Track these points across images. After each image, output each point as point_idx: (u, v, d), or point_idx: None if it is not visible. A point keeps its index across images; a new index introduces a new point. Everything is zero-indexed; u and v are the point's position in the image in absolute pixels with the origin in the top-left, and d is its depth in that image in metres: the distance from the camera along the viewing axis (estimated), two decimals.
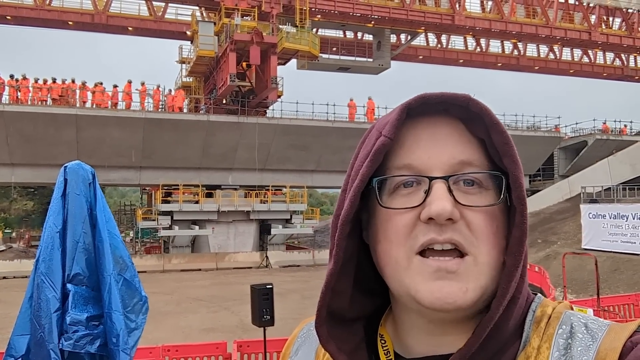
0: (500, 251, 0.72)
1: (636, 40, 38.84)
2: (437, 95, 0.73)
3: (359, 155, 0.79)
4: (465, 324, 0.74)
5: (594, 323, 0.71)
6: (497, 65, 41.08)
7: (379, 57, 34.02)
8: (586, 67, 42.98)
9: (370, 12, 31.37)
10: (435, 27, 34.48)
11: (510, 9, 35.02)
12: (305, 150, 30.36)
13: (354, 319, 0.84)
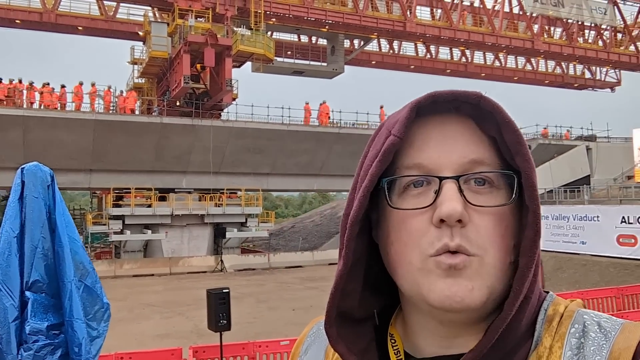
0: (507, 252, 0.70)
1: (575, 49, 40.54)
2: (448, 93, 0.71)
3: (368, 154, 0.77)
4: (476, 326, 0.73)
5: (607, 322, 0.70)
6: (446, 71, 42.04)
7: (333, 62, 34.24)
8: (529, 74, 44.55)
9: (325, 16, 31.53)
10: (388, 33, 34.98)
11: (458, 17, 35.91)
12: (260, 154, 30.15)
13: (364, 319, 0.82)
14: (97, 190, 34.65)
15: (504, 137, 0.71)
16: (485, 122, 0.72)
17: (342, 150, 31.68)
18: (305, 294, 20.61)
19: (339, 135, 31.51)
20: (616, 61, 43.13)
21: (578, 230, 23.83)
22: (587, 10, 40.67)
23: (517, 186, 0.70)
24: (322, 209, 63.58)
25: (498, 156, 0.72)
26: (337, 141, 31.46)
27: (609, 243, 21.99)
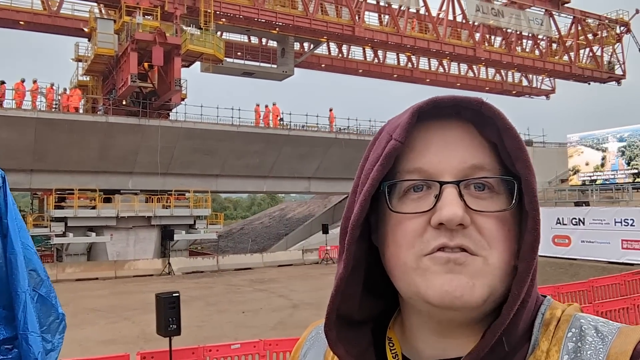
0: (512, 255, 0.70)
1: (514, 57, 42.03)
2: (449, 98, 0.71)
3: (369, 158, 0.76)
4: (473, 327, 0.72)
5: (604, 326, 0.69)
6: (393, 76, 42.68)
7: (283, 64, 34.12)
8: (471, 81, 45.82)
9: (275, 18, 31.35)
10: (337, 37, 35.16)
11: (404, 23, 36.53)
12: (209, 155, 29.63)
13: (363, 322, 0.82)
14: (38, 191, 33.10)
15: (505, 143, 0.70)
16: (485, 128, 0.72)
17: (292, 152, 31.58)
18: (254, 296, 20.37)
19: (289, 137, 31.41)
20: (551, 70, 44.99)
21: None
22: (525, 20, 42.23)
23: (517, 192, 0.70)
24: (271, 211, 63.27)
25: (498, 162, 0.72)
26: (287, 143, 31.34)
27: (545, 243, 22.77)
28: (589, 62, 46.53)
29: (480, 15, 39.84)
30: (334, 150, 33.07)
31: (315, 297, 19.80)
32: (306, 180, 34.42)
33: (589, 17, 45.59)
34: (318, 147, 32.43)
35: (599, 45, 46.64)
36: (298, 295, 20.17)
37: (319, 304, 18.60)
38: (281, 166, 32.29)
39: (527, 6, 42.41)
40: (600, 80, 47.46)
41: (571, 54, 45.23)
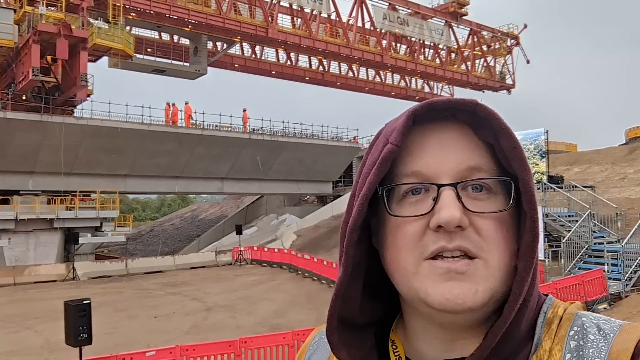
0: (511, 255, 0.70)
1: (418, 65, 43.88)
2: (444, 101, 0.71)
3: (367, 162, 0.76)
4: (476, 329, 0.72)
5: (606, 324, 0.69)
6: (305, 78, 43.02)
7: (196, 62, 33.19)
8: (378, 86, 47.25)
9: (188, 16, 30.43)
10: (250, 38, 34.81)
11: (317, 28, 36.88)
12: (118, 154, 28.10)
13: (365, 325, 0.81)
14: None
15: (501, 143, 0.70)
16: (481, 129, 0.72)
17: (205, 152, 30.80)
18: (167, 300, 19.68)
19: (202, 136, 30.60)
20: (450, 78, 47.49)
21: None
22: (427, 30, 44.23)
23: (514, 192, 0.70)
24: (182, 212, 61.55)
25: (495, 162, 0.72)
26: (200, 143, 30.51)
27: None
28: (484, 72, 49.67)
29: (387, 24, 41.17)
30: (248, 151, 32.67)
31: (230, 299, 19.46)
32: (219, 180, 33.71)
33: (484, 29, 48.65)
34: (232, 147, 31.87)
35: (492, 56, 49.91)
36: (212, 298, 19.73)
37: (233, 306, 18.30)
38: (194, 166, 31.38)
39: (429, 17, 44.44)
40: (493, 88, 50.81)
41: (468, 63, 47.99)
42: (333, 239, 30.85)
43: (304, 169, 36.84)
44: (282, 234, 33.94)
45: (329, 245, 30.04)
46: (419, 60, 44.23)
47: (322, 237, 31.81)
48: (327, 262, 22.50)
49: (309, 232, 33.49)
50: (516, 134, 0.72)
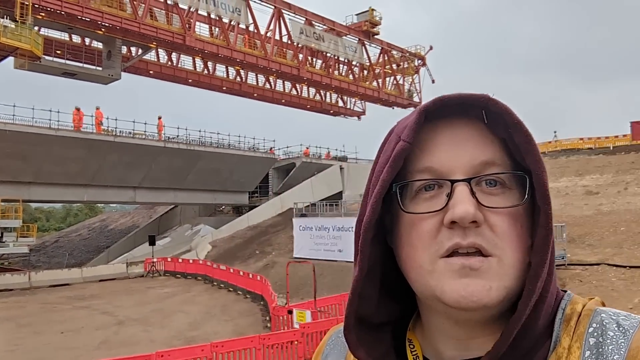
0: (525, 252, 0.69)
1: (332, 80, 44.88)
2: (455, 96, 0.70)
3: (379, 160, 0.76)
4: (492, 326, 0.71)
5: (626, 319, 0.68)
6: (223, 88, 42.50)
7: (109, 67, 31.66)
8: (295, 98, 47.68)
9: (101, 18, 29.06)
10: (167, 44, 33.91)
11: (235, 38, 36.66)
12: (21, 160, 26.15)
13: (382, 324, 0.81)
14: None
15: (514, 137, 0.70)
16: (493, 124, 0.71)
17: (117, 159, 29.47)
18: (74, 314, 18.67)
19: (114, 143, 29.26)
20: (363, 94, 49.02)
21: (336, 240, 26.11)
22: (342, 47, 45.44)
23: (528, 186, 0.69)
24: (90, 222, 58.17)
25: (508, 157, 0.71)
26: (112, 150, 29.16)
27: None
28: (393, 89, 51.77)
29: (304, 38, 41.81)
30: (163, 160, 31.67)
31: (142, 312, 18.77)
32: (132, 189, 32.35)
33: (394, 49, 50.77)
34: (146, 155, 30.74)
35: (401, 74, 52.15)
36: (123, 311, 18.94)
37: (146, 319, 17.67)
38: (105, 174, 29.89)
39: (343, 34, 45.68)
40: (402, 105, 53.02)
41: (379, 80, 49.79)
42: (249, 250, 30.62)
43: (220, 178, 36.31)
44: (196, 244, 33.17)
45: (245, 255, 29.79)
46: (333, 75, 45.25)
47: (237, 248, 31.49)
48: (244, 273, 22.33)
49: (225, 243, 33.02)
50: None
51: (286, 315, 14.30)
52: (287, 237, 29.89)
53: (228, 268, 23.96)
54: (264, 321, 16.83)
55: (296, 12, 41.37)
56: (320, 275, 22.72)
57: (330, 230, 26.53)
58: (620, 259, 15.96)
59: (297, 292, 20.67)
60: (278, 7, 39.75)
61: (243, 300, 20.79)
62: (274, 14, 39.69)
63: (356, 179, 42.13)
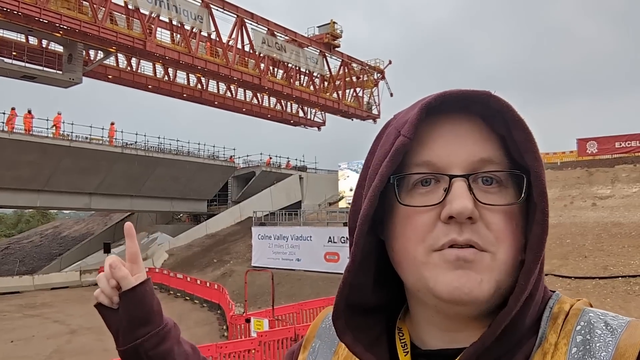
0: (518, 249, 0.70)
1: (293, 90, 45.08)
2: (457, 92, 0.70)
3: (377, 153, 0.76)
4: (481, 321, 0.72)
5: (614, 319, 0.69)
6: (183, 95, 41.99)
7: (70, 71, 30.79)
8: (255, 107, 47.53)
9: (60, 21, 28.31)
10: (127, 49, 33.34)
11: (196, 45, 36.42)
12: None
13: (373, 312, 0.82)
14: None
15: (513, 135, 0.70)
16: (494, 121, 0.71)
17: (72, 164, 28.69)
18: (25, 322, 18.12)
19: (70, 148, 28.49)
20: (323, 105, 49.38)
21: (294, 249, 26.21)
22: (303, 58, 45.75)
23: (526, 185, 0.70)
24: (42, 229, 56.02)
25: (506, 155, 0.72)
26: (68, 155, 28.37)
27: (318, 260, 24.71)
28: (353, 101, 52.40)
29: (266, 48, 41.90)
30: (120, 166, 31.04)
31: (96, 320, 17.76)
32: (87, 196, 31.51)
33: (354, 62, 51.47)
34: (102, 161, 30.07)
35: (361, 87, 52.88)
36: (76, 320, 18.49)
37: (100, 328, 17.01)
38: (59, 180, 29.01)
39: (305, 45, 46.02)
40: (361, 117, 53.76)
41: (339, 92, 50.30)
42: (207, 258, 30.33)
43: (178, 186, 35.86)
44: (153, 252, 32.60)
45: (202, 264, 29.50)
46: (294, 85, 45.45)
47: (195, 256, 31.16)
48: (201, 282, 22.14)
49: (182, 251, 32.61)
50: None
51: (244, 324, 14.30)
52: (246, 246, 29.78)
53: (185, 277, 23.68)
54: (221, 330, 16.75)
55: (259, 21, 41.45)
56: (278, 284, 22.81)
57: (289, 240, 26.61)
58: (566, 270, 16.68)
59: (255, 301, 20.65)
60: (241, 16, 39.74)
61: (200, 309, 20.60)
62: (236, 22, 39.65)
63: (315, 189, 42.40)
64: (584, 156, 32.43)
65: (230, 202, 41.34)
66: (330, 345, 0.87)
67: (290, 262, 26.04)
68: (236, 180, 42.10)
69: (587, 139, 32.83)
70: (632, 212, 21.39)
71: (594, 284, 15.34)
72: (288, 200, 40.10)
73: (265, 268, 22.53)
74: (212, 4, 37.30)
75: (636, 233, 18.70)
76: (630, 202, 23.19)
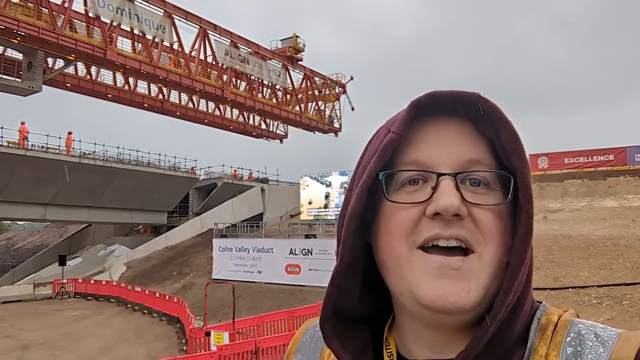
0: (505, 252, 0.69)
1: (256, 102, 44.99)
2: (447, 93, 0.70)
3: (367, 152, 0.76)
4: (466, 331, 0.71)
5: (604, 331, 0.68)
6: (144, 105, 41.24)
7: (30, 79, 29.78)
8: (218, 119, 47.07)
9: (17, 27, 27.47)
10: (87, 58, 32.57)
11: (158, 55, 35.96)
12: None
13: (361, 320, 0.80)
14: None
15: (501, 136, 0.70)
16: (482, 123, 0.71)
17: (27, 174, 27.71)
18: None
19: (25, 157, 27.53)
20: (285, 117, 49.46)
21: (256, 261, 26.02)
22: (266, 70, 45.80)
23: (512, 186, 0.69)
24: None
25: (494, 157, 0.72)
26: (23, 164, 27.40)
27: (279, 272, 24.60)
28: (315, 115, 52.72)
29: (229, 59, 41.75)
30: (78, 176, 30.16)
31: (49, 335, 17.73)
32: (42, 206, 30.45)
33: (316, 75, 51.87)
34: (59, 171, 29.14)
35: (323, 101, 53.27)
36: (29, 335, 17.81)
37: (53, 343, 16.73)
38: (13, 189, 27.95)
39: (268, 58, 46.11)
40: (323, 130, 54.11)
41: (301, 105, 50.51)
42: (166, 271, 29.74)
43: (138, 197, 35.10)
44: (110, 265, 31.74)
45: (162, 277, 28.91)
46: (257, 97, 45.37)
47: (154, 269, 30.50)
48: (160, 295, 21.70)
49: (140, 264, 31.87)
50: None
51: (203, 337, 14.08)
52: (207, 258, 29.37)
53: (143, 290, 23.16)
54: (180, 344, 16.42)
55: (222, 33, 41.28)
56: (239, 296, 22.61)
57: (250, 252, 26.41)
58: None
59: (215, 314, 20.35)
60: (203, 27, 39.51)
61: (159, 323, 20.16)
62: (199, 33, 39.37)
63: (277, 200, 42.32)
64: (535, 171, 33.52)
65: (191, 213, 40.76)
66: (312, 358, 0.85)
67: (252, 275, 25.81)
68: (197, 192, 41.56)
69: (538, 155, 33.97)
70: (581, 225, 22.23)
71: (546, 295, 15.79)
72: (250, 212, 39.85)
73: (226, 280, 22.24)
74: (175, 14, 36.99)
75: (584, 245, 19.42)
76: (579, 216, 24.11)
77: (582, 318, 0.73)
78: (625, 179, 28.84)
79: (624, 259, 17.26)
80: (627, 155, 31.04)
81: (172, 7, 36.77)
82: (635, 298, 14.41)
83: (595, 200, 26.70)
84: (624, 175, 29.48)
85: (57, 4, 30.00)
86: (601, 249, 18.65)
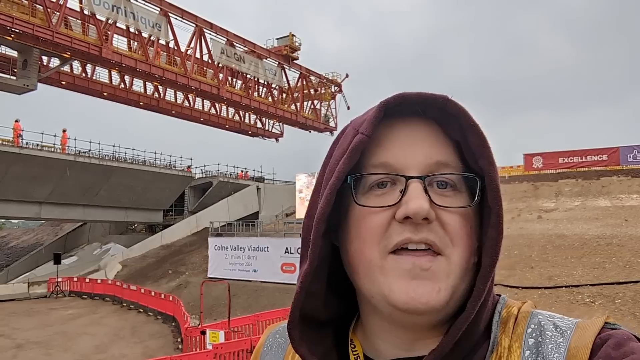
0: (472, 252, 0.70)
1: (252, 101, 44.91)
2: (416, 94, 0.70)
3: (334, 154, 0.76)
4: (437, 329, 0.72)
5: (561, 321, 0.70)
6: (140, 103, 41.06)
7: (24, 77, 29.60)
8: (213, 117, 46.97)
9: (12, 24, 27.31)
10: (83, 55, 32.41)
11: (154, 53, 35.85)
12: None
13: (326, 322, 0.81)
14: None
15: (468, 139, 0.70)
16: (449, 126, 0.72)
17: (22, 172, 27.59)
18: None
19: (20, 155, 27.40)
20: (281, 116, 49.39)
21: (251, 260, 26.04)
22: (262, 69, 45.71)
23: (479, 189, 0.70)
24: None
25: (461, 160, 0.72)
26: (17, 162, 27.27)
27: (275, 271, 24.61)
28: (311, 114, 52.67)
29: (225, 58, 41.66)
30: (73, 174, 30.03)
31: (44, 334, 17.69)
32: (37, 205, 30.31)
33: (312, 74, 51.80)
34: (54, 169, 29.03)
35: (318, 100, 53.23)
36: (23, 334, 17.74)
37: (48, 342, 16.68)
38: (7, 188, 27.81)
39: (264, 57, 46.03)
40: (318, 129, 54.04)
41: (297, 104, 50.46)
42: (162, 269, 29.70)
43: (133, 196, 35.01)
44: (105, 264, 31.64)
45: (157, 275, 28.87)
46: (253, 96, 45.29)
47: (150, 267, 30.45)
48: (155, 293, 21.68)
49: (136, 262, 31.79)
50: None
51: (199, 336, 14.09)
52: (202, 257, 29.34)
53: (139, 288, 23.11)
54: (176, 343, 16.42)
55: (217, 31, 41.18)
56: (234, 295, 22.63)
57: (246, 250, 26.42)
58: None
59: (210, 313, 20.34)
60: (200, 26, 39.40)
61: (154, 321, 20.14)
62: (195, 32, 39.26)
63: (272, 199, 42.28)
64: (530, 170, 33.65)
65: (186, 212, 40.68)
66: (277, 357, 0.86)
67: (247, 273, 25.83)
68: (193, 191, 41.49)
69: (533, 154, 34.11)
70: (575, 225, 22.35)
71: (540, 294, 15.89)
72: (245, 210, 39.80)
73: (221, 279, 22.24)
74: (171, 12, 36.86)
75: (578, 244, 19.53)
76: (573, 215, 24.23)
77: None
78: (619, 178, 29.02)
79: (617, 258, 17.38)
80: (621, 155, 31.30)
81: (168, 5, 36.62)
82: (627, 297, 14.53)
83: (589, 199, 26.83)
84: (617, 175, 29.69)
85: (52, 1, 29.83)
86: (594, 248, 18.77)
